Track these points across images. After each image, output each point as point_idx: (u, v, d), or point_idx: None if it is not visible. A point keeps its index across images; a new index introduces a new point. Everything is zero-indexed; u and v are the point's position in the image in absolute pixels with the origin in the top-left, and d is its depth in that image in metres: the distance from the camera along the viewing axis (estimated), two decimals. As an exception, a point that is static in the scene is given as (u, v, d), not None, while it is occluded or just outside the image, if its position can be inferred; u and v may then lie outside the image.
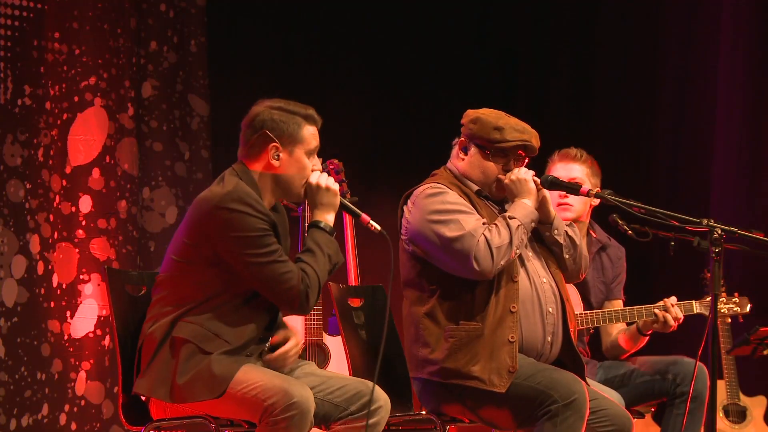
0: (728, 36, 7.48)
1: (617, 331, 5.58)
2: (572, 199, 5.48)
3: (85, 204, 6.60)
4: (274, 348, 4.35)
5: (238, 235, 4.10)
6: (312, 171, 4.27)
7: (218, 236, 4.12)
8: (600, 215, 5.75)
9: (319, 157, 6.17)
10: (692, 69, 7.76)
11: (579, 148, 5.60)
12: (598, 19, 8.13)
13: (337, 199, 4.29)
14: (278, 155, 4.22)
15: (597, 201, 5.59)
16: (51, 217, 6.43)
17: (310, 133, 4.27)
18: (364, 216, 4.34)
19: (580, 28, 8.20)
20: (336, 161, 6.30)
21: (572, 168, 5.50)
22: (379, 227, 4.32)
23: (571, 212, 5.52)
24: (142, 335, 4.24)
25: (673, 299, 5.38)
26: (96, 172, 6.65)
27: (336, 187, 4.28)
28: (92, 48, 6.62)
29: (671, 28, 7.86)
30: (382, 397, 4.27)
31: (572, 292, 5.30)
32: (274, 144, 4.22)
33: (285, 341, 4.32)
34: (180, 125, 7.06)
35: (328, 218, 4.27)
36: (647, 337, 5.48)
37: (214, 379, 4.09)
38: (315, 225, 4.25)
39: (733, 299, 5.64)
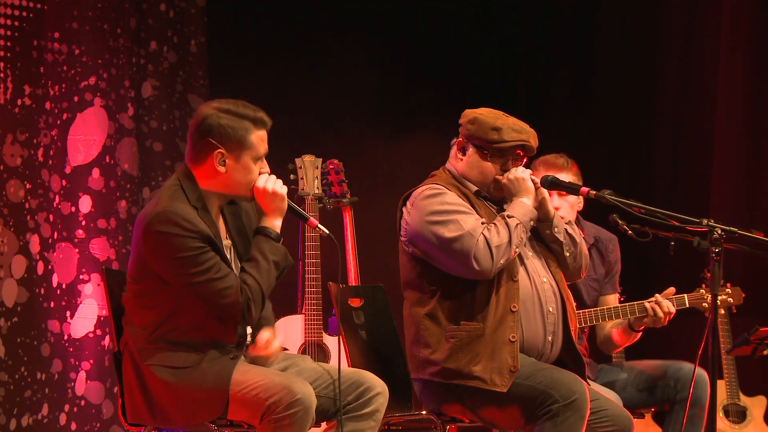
0: (728, 36, 7.48)
1: (611, 324, 5.56)
2: (558, 205, 5.44)
3: (85, 204, 6.60)
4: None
5: (172, 257, 4.06)
6: (260, 174, 4.21)
7: (153, 258, 4.10)
8: (600, 215, 5.74)
9: (319, 157, 6.24)
10: (692, 69, 7.76)
11: (560, 154, 5.56)
12: (598, 19, 8.13)
13: (285, 204, 4.23)
14: (224, 161, 4.15)
15: (581, 206, 5.58)
16: (51, 217, 6.43)
17: (259, 138, 4.18)
18: (312, 219, 4.33)
19: (580, 27, 8.20)
20: (336, 161, 6.30)
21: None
22: (326, 231, 4.30)
23: None
24: (121, 347, 4.24)
25: (672, 290, 5.37)
26: (96, 172, 6.65)
27: (283, 191, 4.22)
28: (92, 48, 6.62)
29: (671, 28, 7.86)
30: (378, 384, 4.26)
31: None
32: (220, 150, 4.14)
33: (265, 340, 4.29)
34: (180, 125, 7.06)
35: (275, 223, 4.22)
36: (640, 333, 5.47)
37: (209, 398, 4.08)
38: (260, 231, 4.22)
39: (726, 290, 5.62)
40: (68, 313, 6.50)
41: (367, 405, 4.23)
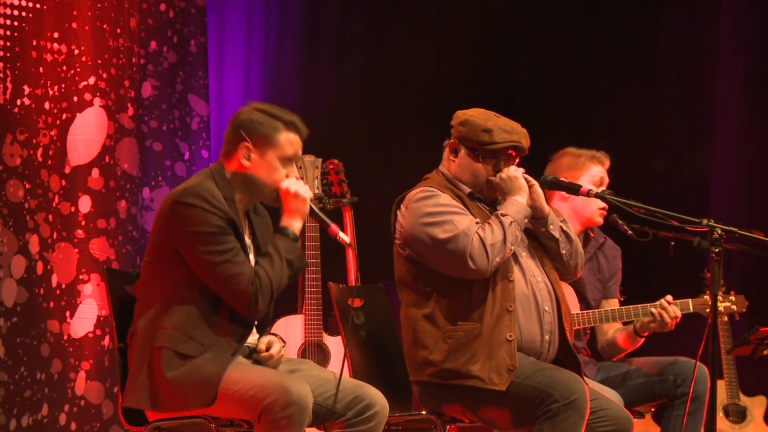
0: (728, 35, 7.48)
1: (613, 330, 5.57)
2: (557, 207, 5.46)
3: (85, 204, 6.60)
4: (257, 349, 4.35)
5: (193, 231, 4.10)
6: (287, 177, 4.25)
7: (175, 231, 4.14)
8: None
9: (319, 156, 6.24)
10: (692, 69, 7.76)
11: (602, 151, 5.62)
12: (598, 19, 8.13)
13: (306, 207, 4.25)
14: (249, 155, 4.22)
15: (604, 210, 5.59)
16: (50, 217, 6.42)
17: (287, 139, 4.25)
18: (333, 227, 4.30)
19: (580, 27, 8.20)
20: (336, 161, 6.30)
21: (603, 171, 5.52)
22: (347, 239, 4.30)
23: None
24: (128, 339, 4.25)
25: (669, 298, 5.38)
26: (95, 172, 6.64)
27: (308, 195, 4.24)
28: (92, 48, 6.62)
29: (671, 27, 7.86)
30: (379, 402, 4.26)
31: (568, 293, 5.29)
32: (246, 144, 4.22)
33: (269, 347, 4.31)
34: (180, 125, 7.05)
35: (295, 225, 4.24)
36: (644, 338, 5.47)
37: (201, 387, 4.09)
38: (279, 230, 4.24)
39: (730, 297, 5.64)
40: (68, 313, 6.50)
41: (365, 422, 4.23)
